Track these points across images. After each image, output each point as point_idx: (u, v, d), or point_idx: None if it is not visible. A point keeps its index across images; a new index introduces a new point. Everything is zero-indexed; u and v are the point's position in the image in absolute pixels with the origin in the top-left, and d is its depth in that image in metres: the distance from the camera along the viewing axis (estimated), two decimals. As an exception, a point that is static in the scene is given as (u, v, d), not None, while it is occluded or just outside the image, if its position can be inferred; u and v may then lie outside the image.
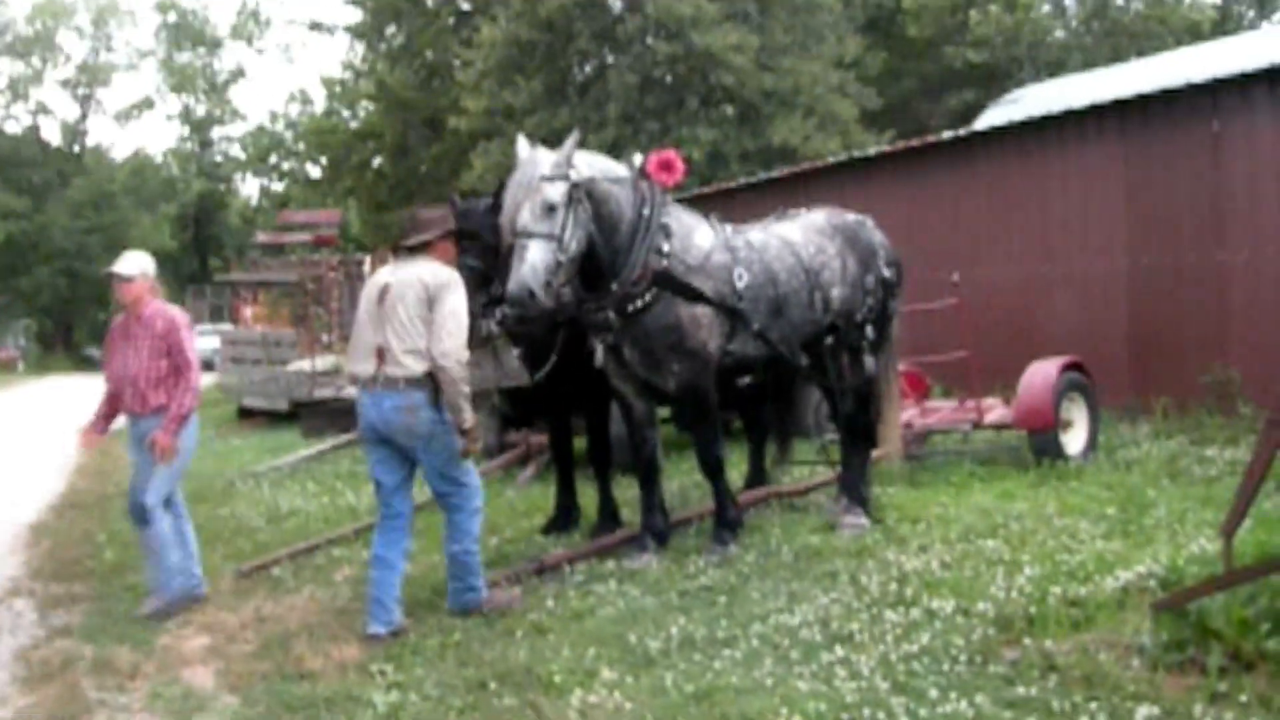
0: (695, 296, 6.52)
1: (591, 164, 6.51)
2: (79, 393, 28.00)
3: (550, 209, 6.09)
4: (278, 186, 57.73)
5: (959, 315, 9.25)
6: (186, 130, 59.49)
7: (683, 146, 24.02)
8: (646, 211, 6.52)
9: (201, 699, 5.22)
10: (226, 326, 31.16)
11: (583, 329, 6.85)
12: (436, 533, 7.89)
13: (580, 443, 8.30)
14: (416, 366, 5.65)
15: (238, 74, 60.31)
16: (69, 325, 54.02)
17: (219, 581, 7.20)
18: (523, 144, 6.57)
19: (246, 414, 17.10)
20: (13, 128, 54.69)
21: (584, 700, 4.59)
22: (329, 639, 5.84)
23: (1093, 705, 4.00)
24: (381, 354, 5.73)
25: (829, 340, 7.32)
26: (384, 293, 5.80)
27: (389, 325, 5.71)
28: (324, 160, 43.02)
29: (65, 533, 9.30)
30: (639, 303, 6.44)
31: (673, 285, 6.47)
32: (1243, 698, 3.97)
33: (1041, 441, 8.67)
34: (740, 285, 6.68)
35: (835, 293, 7.19)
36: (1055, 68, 28.42)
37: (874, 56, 31.22)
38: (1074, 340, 10.57)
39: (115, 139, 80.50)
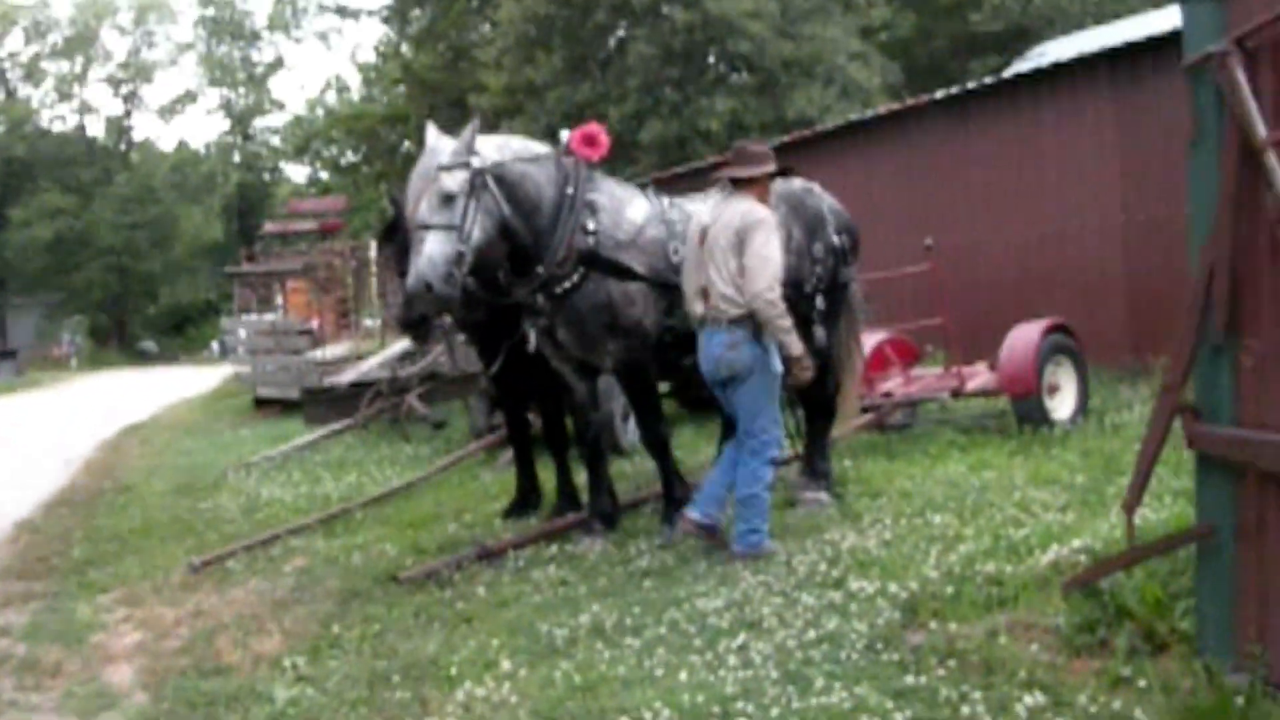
0: (625, 273, 6.33)
1: (503, 147, 6.31)
2: (120, 389, 28.53)
3: (448, 199, 5.88)
4: (324, 174, 57.99)
5: (932, 280, 8.91)
6: (228, 123, 60.00)
7: (702, 117, 23.80)
8: (570, 190, 6.30)
9: (113, 697, 5.17)
10: (271, 316, 31.30)
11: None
12: (392, 521, 7.87)
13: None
14: (733, 309, 5.81)
15: (276, 65, 60.71)
16: (122, 320, 54.73)
17: (172, 576, 7.15)
18: (430, 132, 6.37)
19: (262, 404, 17.12)
20: (59, 127, 55.55)
21: (470, 693, 4.45)
22: (256, 632, 5.80)
23: (977, 695, 3.76)
24: (706, 294, 5.91)
25: None
26: (703, 235, 5.97)
27: (709, 267, 5.89)
28: (360, 147, 43.09)
29: (46, 529, 9.31)
30: (567, 284, 6.25)
31: (600, 264, 6.27)
32: (1143, 682, 3.71)
33: (1025, 407, 8.34)
34: (676, 259, 6.46)
35: None
36: (1098, 19, 27.55)
37: (903, 18, 30.62)
38: (1071, 301, 10.20)
39: (159, 134, 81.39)
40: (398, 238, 7.10)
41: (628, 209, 6.52)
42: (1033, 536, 5.43)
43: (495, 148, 6.22)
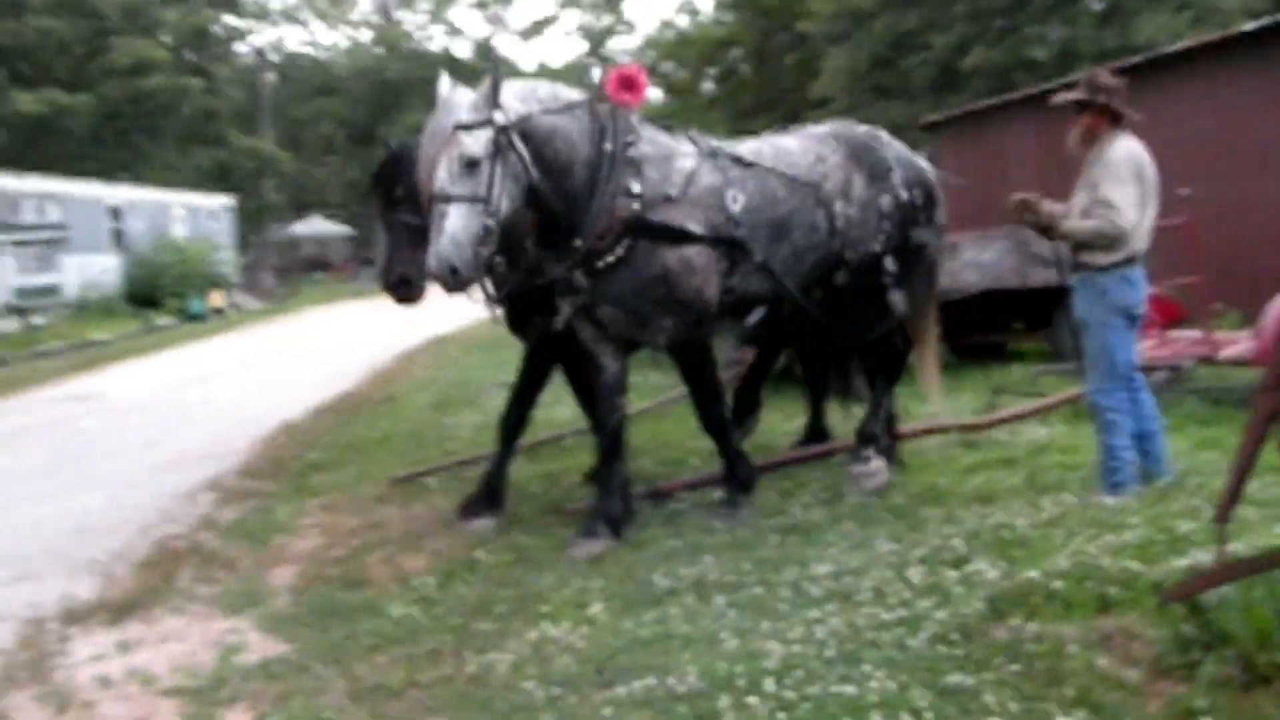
0: (680, 236, 5.55)
1: (527, 95, 5.38)
2: (455, 302, 30.25)
3: (471, 165, 5.09)
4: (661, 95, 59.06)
5: (1188, 235, 7.99)
6: (585, 45, 61.92)
7: (1027, 46, 22.42)
8: (609, 145, 5.46)
9: (260, 597, 5.44)
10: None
11: None
12: (569, 453, 7.97)
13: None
14: None
15: (633, -13, 61.92)
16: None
17: (374, 487, 7.55)
18: (443, 82, 5.59)
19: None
20: (428, 48, 59.11)
21: (544, 632, 4.50)
22: (411, 549, 6.00)
23: (1015, 706, 3.43)
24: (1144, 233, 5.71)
25: (840, 276, 6.32)
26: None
27: (1150, 205, 5.71)
28: (699, 69, 43.33)
29: (302, 432, 9.98)
30: (611, 258, 5.47)
31: (649, 230, 5.49)
32: (1210, 720, 3.26)
33: (1283, 384, 7.43)
34: (735, 209, 5.72)
35: (839, 209, 6.16)
36: None
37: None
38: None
39: (520, 55, 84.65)
40: (385, 184, 6.24)
41: (675, 158, 5.73)
42: (1198, 533, 4.85)
43: (518, 97, 5.32)
